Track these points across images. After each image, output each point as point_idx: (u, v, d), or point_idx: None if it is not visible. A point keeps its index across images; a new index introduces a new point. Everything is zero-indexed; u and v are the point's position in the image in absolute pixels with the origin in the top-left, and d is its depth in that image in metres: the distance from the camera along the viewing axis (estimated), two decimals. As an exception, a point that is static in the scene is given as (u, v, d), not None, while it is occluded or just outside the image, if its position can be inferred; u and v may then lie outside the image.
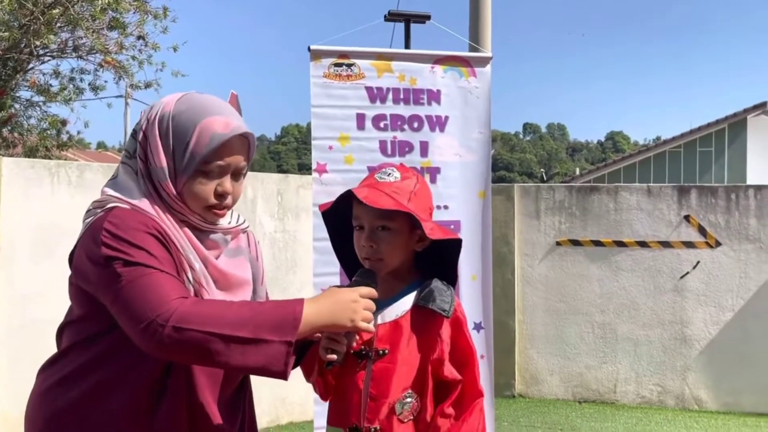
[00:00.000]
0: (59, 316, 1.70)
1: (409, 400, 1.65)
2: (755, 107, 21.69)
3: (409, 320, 1.69)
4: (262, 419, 5.14)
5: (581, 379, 5.97)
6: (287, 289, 5.28)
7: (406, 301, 1.71)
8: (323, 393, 1.72)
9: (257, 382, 5.06)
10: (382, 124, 2.95)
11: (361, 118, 2.93)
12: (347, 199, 1.72)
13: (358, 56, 2.98)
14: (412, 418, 1.66)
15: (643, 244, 5.83)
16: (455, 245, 1.74)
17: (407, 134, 2.97)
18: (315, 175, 2.89)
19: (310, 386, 1.78)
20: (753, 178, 18.45)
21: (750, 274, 5.62)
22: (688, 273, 5.73)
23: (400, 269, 1.74)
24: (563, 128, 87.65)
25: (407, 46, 3.20)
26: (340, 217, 1.81)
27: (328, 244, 2.98)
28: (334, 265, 3.01)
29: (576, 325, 5.95)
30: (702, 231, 5.71)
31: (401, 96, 2.98)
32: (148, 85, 7.74)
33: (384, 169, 1.76)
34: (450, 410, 1.66)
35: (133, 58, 7.33)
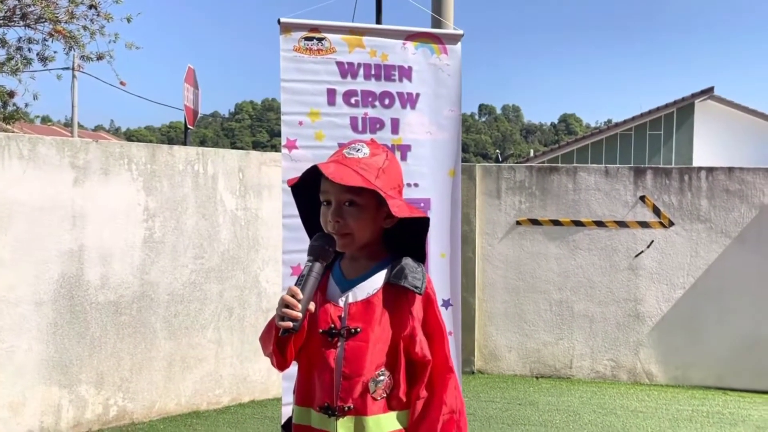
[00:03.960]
0: (7, 292, 1.64)
1: (382, 377, 1.65)
2: (702, 92, 22.35)
3: (381, 298, 1.68)
4: (223, 398, 5.12)
5: (539, 355, 6.11)
6: (249, 268, 5.23)
7: (377, 279, 1.70)
8: (280, 362, 1.69)
9: (217, 362, 5.01)
10: (353, 100, 2.92)
11: (331, 94, 2.89)
12: (317, 173, 1.70)
13: (328, 30, 2.93)
14: (385, 395, 1.66)
15: (600, 224, 5.97)
16: (423, 223, 1.73)
17: (378, 111, 2.94)
18: (284, 151, 2.84)
19: (270, 365, 1.77)
20: (698, 160, 19.06)
21: (700, 253, 5.82)
22: (642, 252, 5.90)
23: (369, 247, 1.73)
24: (518, 110, 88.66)
25: (378, 22, 3.16)
26: (310, 192, 1.79)
27: (298, 221, 2.94)
28: (304, 241, 2.98)
29: (534, 303, 6.07)
30: (656, 211, 5.88)
31: (372, 72, 2.94)
32: (100, 57, 7.50)
33: (353, 145, 1.74)
34: (424, 392, 1.67)
35: (85, 28, 7.07)
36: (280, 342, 1.68)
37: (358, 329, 1.67)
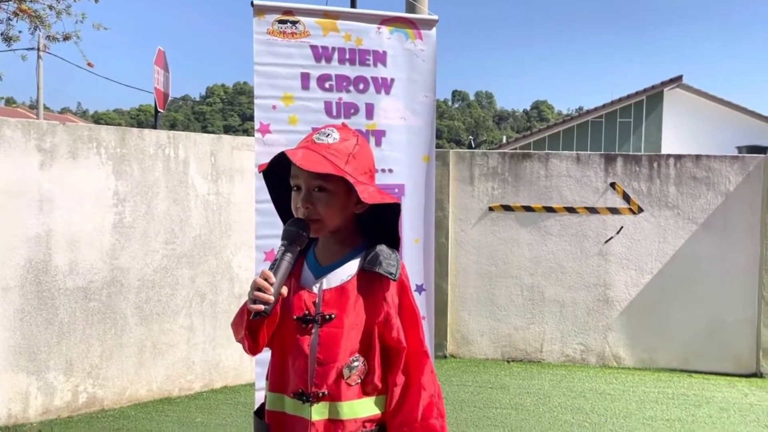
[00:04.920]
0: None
1: (356, 363, 1.65)
2: (671, 81, 22.68)
3: (356, 284, 1.68)
4: (195, 384, 5.09)
5: (510, 340, 6.18)
6: (221, 253, 5.18)
7: (352, 266, 1.70)
8: (252, 347, 1.69)
9: (189, 348, 4.98)
10: (327, 85, 2.89)
11: (305, 78, 2.86)
12: (288, 158, 1.69)
13: (302, 13, 2.89)
14: (359, 381, 1.66)
15: (571, 210, 6.04)
16: (395, 209, 1.74)
17: (353, 96, 2.93)
18: (258, 135, 2.81)
19: (242, 350, 1.77)
20: (667, 148, 19.39)
21: (668, 239, 5.93)
22: (612, 238, 5.99)
23: (342, 233, 1.73)
24: (491, 96, 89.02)
25: (353, 6, 3.14)
26: (283, 177, 1.78)
27: (271, 206, 2.92)
28: (277, 226, 2.96)
29: (506, 288, 6.13)
30: (626, 198, 5.97)
31: (347, 56, 2.92)
32: (66, 38, 7.32)
33: (323, 130, 1.73)
34: (401, 378, 1.68)
35: (50, 7, 6.90)
36: (251, 326, 1.67)
37: (333, 315, 1.66)
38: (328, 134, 1.71)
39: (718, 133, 21.17)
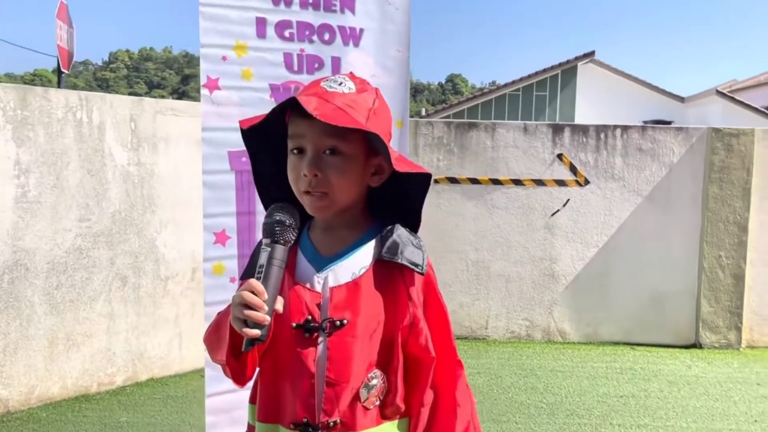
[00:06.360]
0: None
1: (375, 381, 1.28)
2: (585, 55, 23.25)
3: (372, 279, 1.29)
4: (117, 378, 4.53)
5: (455, 317, 5.95)
6: (144, 231, 4.61)
7: (365, 255, 1.31)
8: (238, 373, 1.28)
9: (109, 338, 4.26)
10: (287, 33, 2.43)
11: (261, 24, 2.40)
12: (276, 114, 1.27)
13: (256, -54, 2.41)
14: (378, 402, 1.29)
15: (517, 182, 5.82)
16: (424, 182, 1.36)
17: (317, 47, 2.49)
18: (204, 91, 2.33)
19: (170, 338, 1.35)
20: (579, 121, 19.84)
21: (613, 212, 5.84)
22: (558, 211, 5.83)
23: (350, 212, 1.33)
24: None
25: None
26: (266, 140, 1.35)
27: (222, 177, 2.46)
28: (228, 203, 2.51)
29: (451, 263, 5.87)
30: (573, 169, 5.81)
31: (310, 0, 2.47)
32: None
33: (333, 77, 1.31)
34: (429, 396, 1.32)
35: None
36: (237, 352, 1.26)
37: (345, 321, 1.27)
38: (341, 82, 1.29)
39: (627, 108, 21.92)
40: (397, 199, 1.38)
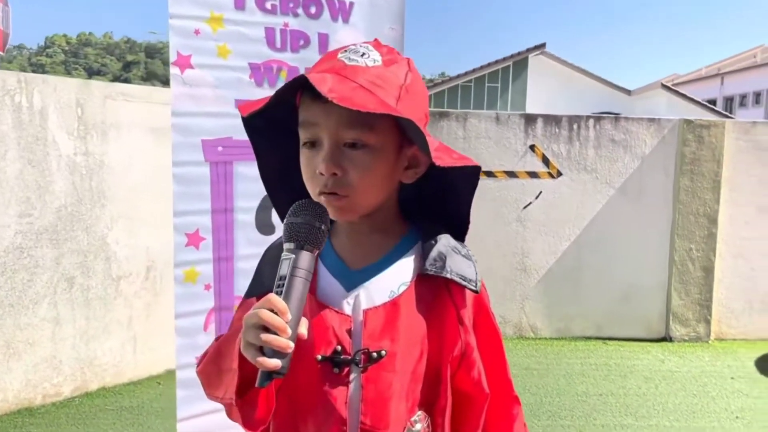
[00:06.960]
0: None
1: (418, 426, 1.03)
2: (536, 47, 23.44)
3: (413, 299, 1.04)
4: (64, 388, 4.13)
5: (425, 314, 5.74)
6: (93, 227, 4.20)
7: (404, 268, 1.05)
8: (248, 416, 0.99)
9: (55, 344, 3.79)
10: (269, 5, 2.13)
11: (239, -7, 2.08)
12: (287, 94, 0.98)
13: None
14: None
15: (489, 174, 5.63)
16: (473, 176, 1.10)
17: (302, 22, 2.19)
18: (175, 70, 2.01)
19: (123, 342, 1.08)
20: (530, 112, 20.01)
21: (586, 204, 5.71)
22: (530, 203, 5.67)
23: (382, 215, 1.07)
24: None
25: None
26: (273, 129, 1.07)
27: (195, 170, 2.13)
28: (202, 199, 2.19)
29: (421, 259, 5.65)
30: (545, 161, 5.65)
31: (294, -32, 2.18)
32: None
33: (353, 47, 1.03)
34: None
35: None
36: (243, 385, 0.97)
37: (383, 352, 1.01)
38: (363, 53, 1.01)
39: (576, 99, 22.19)
40: (435, 198, 1.13)
